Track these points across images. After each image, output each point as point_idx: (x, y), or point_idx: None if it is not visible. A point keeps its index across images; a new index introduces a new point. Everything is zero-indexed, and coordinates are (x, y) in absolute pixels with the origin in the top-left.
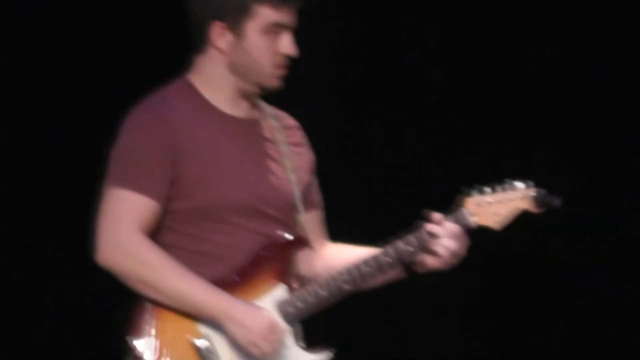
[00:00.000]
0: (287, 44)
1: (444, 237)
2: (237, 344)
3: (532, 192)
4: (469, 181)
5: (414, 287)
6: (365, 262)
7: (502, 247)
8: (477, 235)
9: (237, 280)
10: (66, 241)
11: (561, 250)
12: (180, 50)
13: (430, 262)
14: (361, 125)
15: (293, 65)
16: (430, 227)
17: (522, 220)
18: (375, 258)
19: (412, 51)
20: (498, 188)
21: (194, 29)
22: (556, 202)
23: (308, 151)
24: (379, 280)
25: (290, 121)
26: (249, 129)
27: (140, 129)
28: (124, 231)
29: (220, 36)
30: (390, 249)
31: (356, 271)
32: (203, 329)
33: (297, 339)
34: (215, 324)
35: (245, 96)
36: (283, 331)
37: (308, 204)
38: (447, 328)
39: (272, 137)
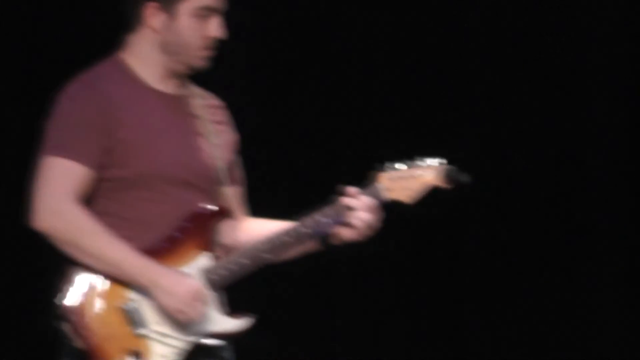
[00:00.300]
0: (216, 27)
1: (359, 210)
2: (163, 309)
3: (443, 168)
4: (384, 158)
5: (332, 257)
6: (286, 233)
7: (414, 220)
8: (390, 209)
9: (164, 248)
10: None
11: (472, 224)
12: (113, 29)
13: (346, 233)
14: (283, 106)
15: (222, 48)
16: (346, 200)
17: (434, 195)
18: (294, 229)
19: (334, 35)
20: (410, 164)
21: (129, 9)
22: (465, 178)
23: (231, 130)
24: (298, 250)
25: (216, 101)
26: (178, 105)
27: (74, 100)
28: (58, 197)
29: (153, 16)
30: (308, 221)
31: (277, 241)
32: (132, 294)
33: (220, 305)
34: (143, 291)
35: (174, 74)
36: (207, 297)
37: (231, 180)
38: (363, 296)
39: (198, 114)
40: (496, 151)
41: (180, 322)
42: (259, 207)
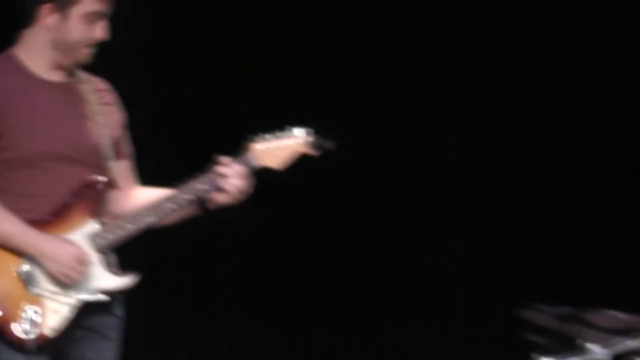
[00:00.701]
0: (101, 30)
1: (232, 177)
2: (50, 274)
3: (309, 137)
4: (257, 129)
5: (209, 220)
6: (166, 199)
7: (284, 185)
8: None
9: (51, 219)
10: None
11: (338, 189)
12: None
13: (221, 198)
14: (166, 86)
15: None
16: (221, 168)
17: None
18: (174, 196)
19: (213, 17)
20: (280, 134)
21: (26, 7)
22: (329, 145)
23: (118, 110)
24: (178, 215)
25: (103, 85)
26: (65, 91)
27: None
28: None
29: (48, 16)
30: (188, 188)
31: (159, 207)
32: (26, 259)
33: (107, 265)
34: (32, 258)
35: (63, 67)
36: (91, 260)
37: (119, 154)
38: (236, 255)
39: (85, 98)
40: (360, 121)
41: (67, 284)
42: (147, 177)
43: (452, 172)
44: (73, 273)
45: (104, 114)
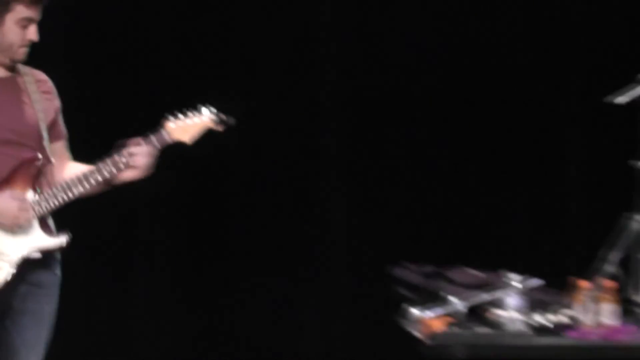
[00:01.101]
0: (32, 33)
1: (140, 155)
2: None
3: (213, 115)
4: (172, 109)
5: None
6: (91, 173)
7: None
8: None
9: None
10: None
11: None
12: None
13: (130, 174)
14: (95, 74)
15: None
16: (132, 148)
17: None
18: (97, 170)
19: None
20: (189, 113)
21: None
22: (230, 121)
23: (55, 98)
24: (97, 188)
25: (42, 76)
26: (7, 85)
27: None
28: None
29: None
30: (105, 164)
31: (85, 180)
32: None
33: (44, 227)
34: None
35: (3, 64)
36: (31, 214)
37: (55, 135)
38: (154, 222)
39: (25, 88)
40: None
41: (10, 230)
42: (78, 154)
43: (332, 148)
44: (21, 216)
45: (42, 101)
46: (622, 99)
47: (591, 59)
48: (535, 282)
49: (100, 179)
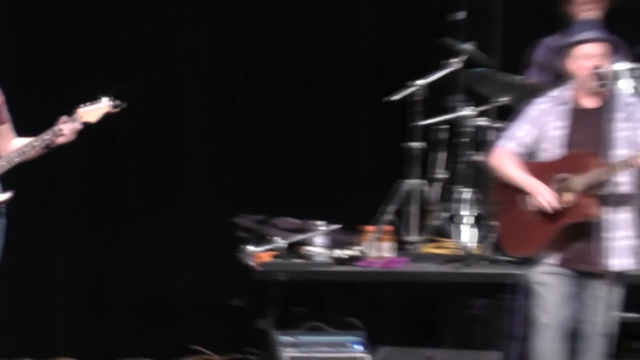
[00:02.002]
0: None
1: (66, 129)
2: None
3: (110, 101)
4: (82, 100)
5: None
6: (30, 144)
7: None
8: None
9: None
10: None
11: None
12: None
13: (62, 139)
14: (35, 61)
15: None
16: (59, 125)
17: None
18: (35, 141)
19: None
20: (95, 102)
21: None
22: (123, 105)
23: (0, 95)
24: (36, 152)
25: None
26: None
27: None
28: None
29: None
30: (44, 136)
31: (25, 149)
32: None
33: None
34: None
35: None
36: None
37: (1, 121)
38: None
39: None
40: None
41: None
42: (22, 130)
43: (194, 128)
44: None
45: None
46: (395, 97)
47: (378, 67)
48: (335, 227)
49: (43, 144)
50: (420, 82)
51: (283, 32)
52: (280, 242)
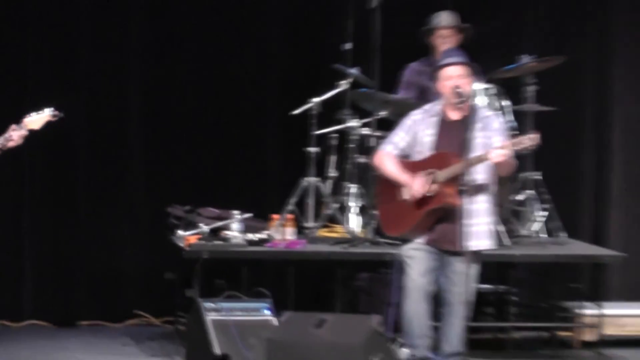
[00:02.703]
0: None
1: (15, 135)
2: None
3: (51, 112)
4: (28, 111)
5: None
6: None
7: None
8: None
9: None
10: None
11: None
12: None
13: (11, 144)
14: None
15: None
16: (10, 131)
17: None
18: None
19: None
20: (39, 112)
21: None
22: (61, 115)
23: None
24: None
25: None
26: None
27: None
28: None
29: None
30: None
31: None
32: None
33: None
34: None
35: None
36: None
37: None
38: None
39: None
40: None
41: None
42: None
43: (135, 127)
44: None
45: None
46: (297, 111)
47: (284, 87)
48: (248, 215)
49: None
50: (316, 99)
51: (212, 61)
52: (204, 227)
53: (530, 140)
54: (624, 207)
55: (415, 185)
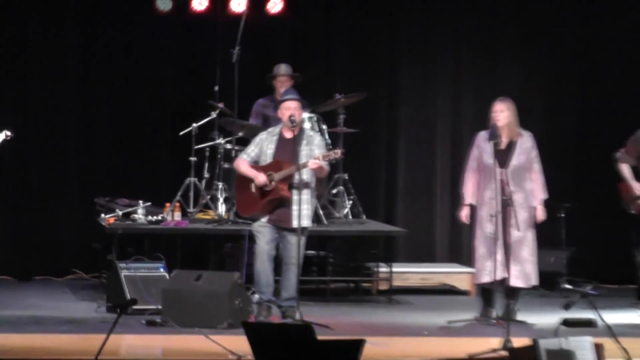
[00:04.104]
0: None
1: None
2: None
3: (4, 134)
4: None
5: None
6: None
7: None
8: None
9: None
10: None
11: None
12: None
13: None
14: None
15: None
16: None
17: None
18: None
19: None
20: None
21: None
22: (10, 134)
23: None
24: None
25: None
26: None
27: None
28: None
29: None
30: None
31: None
32: None
33: None
34: None
35: None
36: None
37: None
38: None
39: None
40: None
41: None
42: None
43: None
44: None
45: None
46: (183, 132)
47: (175, 116)
48: (149, 203)
49: None
50: (195, 124)
51: (126, 96)
52: (119, 212)
53: (336, 153)
54: (407, 197)
55: (260, 181)
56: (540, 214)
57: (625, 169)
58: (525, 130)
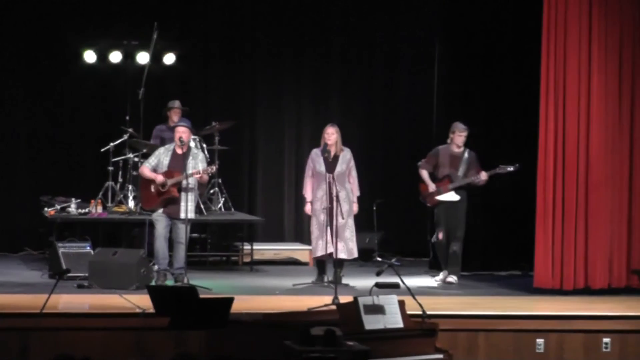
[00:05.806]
0: None
1: None
2: None
3: None
4: None
5: None
6: None
7: None
8: None
9: None
10: None
11: None
12: None
13: None
14: None
15: None
16: None
17: None
18: None
19: None
20: None
21: None
22: None
23: None
24: None
25: None
26: None
27: None
28: None
29: None
30: None
31: None
32: None
33: None
34: None
35: None
36: None
37: None
38: None
39: None
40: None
41: None
42: None
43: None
44: None
45: None
46: (103, 149)
47: (100, 137)
48: (79, 200)
49: None
50: (112, 143)
51: (65, 122)
52: (58, 206)
53: (212, 169)
54: (264, 194)
55: (158, 180)
56: (356, 208)
57: (425, 174)
58: (345, 147)
